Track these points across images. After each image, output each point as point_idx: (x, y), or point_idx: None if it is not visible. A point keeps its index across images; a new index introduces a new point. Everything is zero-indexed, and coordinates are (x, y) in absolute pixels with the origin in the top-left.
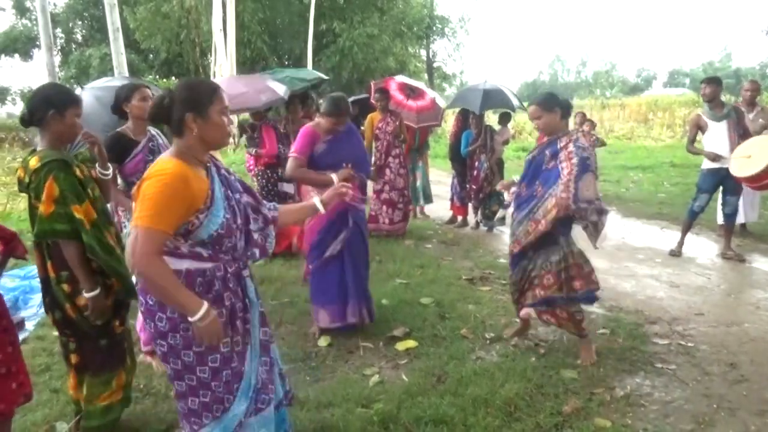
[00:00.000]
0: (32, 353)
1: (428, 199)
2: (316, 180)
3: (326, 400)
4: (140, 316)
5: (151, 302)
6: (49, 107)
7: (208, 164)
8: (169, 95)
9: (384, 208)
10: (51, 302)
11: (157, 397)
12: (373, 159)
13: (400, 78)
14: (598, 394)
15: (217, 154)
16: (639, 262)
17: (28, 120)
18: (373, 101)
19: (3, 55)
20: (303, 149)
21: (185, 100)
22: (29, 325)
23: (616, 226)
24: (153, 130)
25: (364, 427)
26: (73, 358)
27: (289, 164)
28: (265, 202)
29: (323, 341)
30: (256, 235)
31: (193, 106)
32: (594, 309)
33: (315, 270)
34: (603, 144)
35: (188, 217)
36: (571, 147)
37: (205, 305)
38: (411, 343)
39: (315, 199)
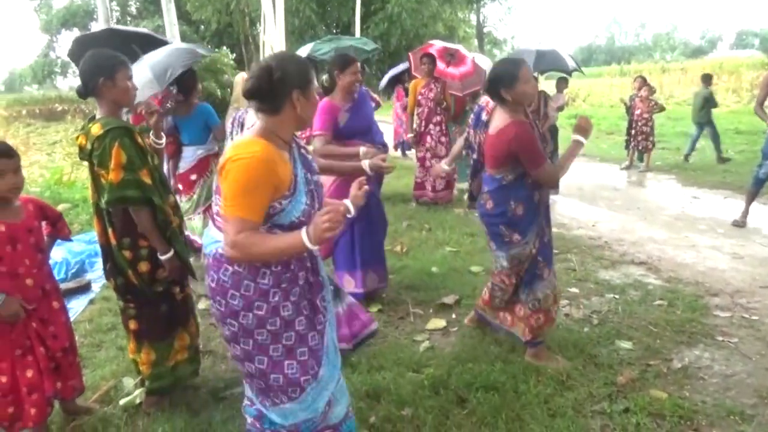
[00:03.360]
0: (99, 313)
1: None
2: (344, 153)
3: (378, 364)
4: None
5: (224, 278)
6: (98, 75)
7: (292, 144)
8: (278, 69)
9: (429, 175)
10: (112, 269)
11: (216, 357)
12: (414, 125)
13: (438, 43)
14: (654, 366)
15: None
16: (700, 232)
17: (83, 92)
18: (413, 71)
19: (63, 29)
20: (325, 125)
21: (294, 76)
22: (95, 287)
23: (676, 194)
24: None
25: (415, 391)
26: (132, 324)
27: (317, 143)
28: None
29: (374, 307)
30: None
31: (299, 82)
32: (651, 280)
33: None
34: (662, 109)
35: (273, 200)
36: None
37: (303, 229)
38: (461, 311)
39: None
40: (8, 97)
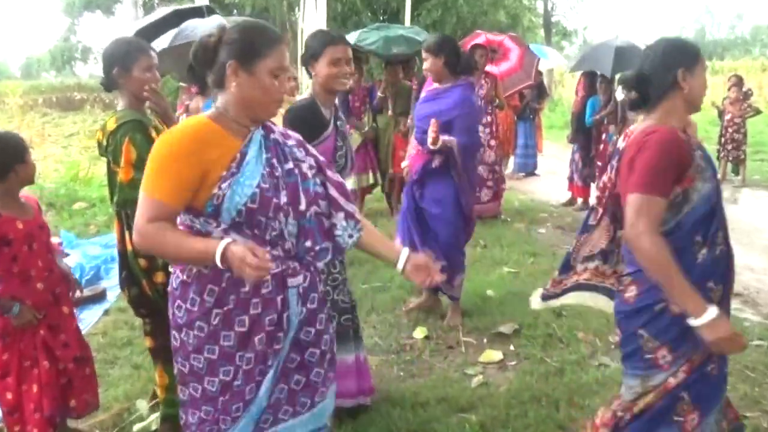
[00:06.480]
0: (114, 325)
1: None
2: None
3: (422, 399)
4: None
5: (174, 285)
6: (112, 65)
7: (253, 128)
8: (218, 33)
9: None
10: (128, 278)
11: None
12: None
13: (480, 36)
14: (752, 419)
15: None
16: None
17: (105, 84)
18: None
19: (86, 12)
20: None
21: (234, 44)
22: (111, 296)
23: None
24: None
25: None
26: (148, 341)
27: None
28: (348, 204)
29: (419, 332)
30: (326, 223)
31: (239, 53)
32: (747, 315)
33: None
34: (757, 112)
35: (209, 188)
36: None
37: (224, 242)
38: (520, 342)
39: (403, 253)
40: (25, 84)
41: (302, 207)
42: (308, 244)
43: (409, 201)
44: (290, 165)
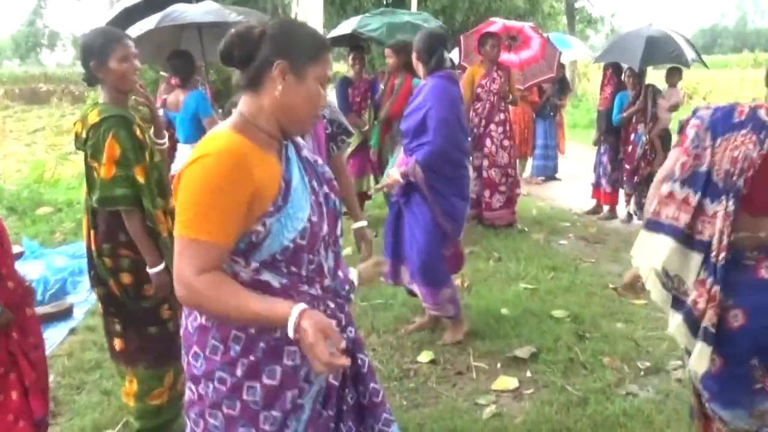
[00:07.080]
0: (81, 346)
1: None
2: None
3: None
4: None
5: (190, 328)
6: (89, 57)
7: (284, 142)
8: (264, 27)
9: (485, 190)
10: (95, 277)
11: None
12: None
13: (497, 23)
14: None
15: None
16: None
17: (86, 79)
18: (462, 59)
19: None
20: None
21: (284, 40)
22: (78, 313)
23: None
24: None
25: None
26: (118, 344)
27: None
28: None
29: (425, 356)
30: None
31: (289, 51)
32: None
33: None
34: None
35: (252, 221)
36: None
37: (298, 307)
38: (539, 368)
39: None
40: None
41: (339, 233)
42: (341, 274)
43: (390, 210)
44: (326, 189)
